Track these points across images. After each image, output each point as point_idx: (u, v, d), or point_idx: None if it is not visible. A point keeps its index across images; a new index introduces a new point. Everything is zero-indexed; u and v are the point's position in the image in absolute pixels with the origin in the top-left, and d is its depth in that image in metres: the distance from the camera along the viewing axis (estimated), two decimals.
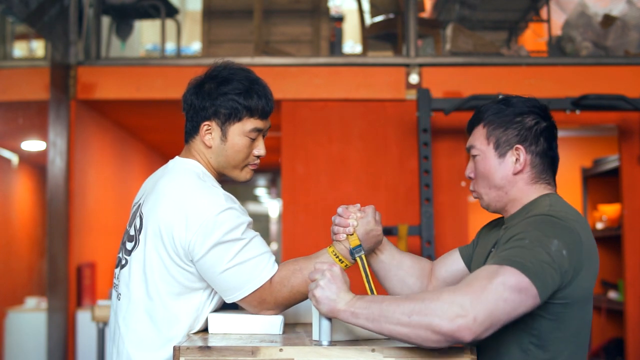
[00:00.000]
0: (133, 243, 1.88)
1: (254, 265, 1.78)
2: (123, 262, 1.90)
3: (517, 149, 1.74)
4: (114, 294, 1.93)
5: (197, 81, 1.93)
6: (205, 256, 1.76)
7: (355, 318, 1.54)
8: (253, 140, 1.91)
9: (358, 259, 1.82)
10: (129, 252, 1.88)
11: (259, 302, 1.80)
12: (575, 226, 1.62)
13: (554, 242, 1.56)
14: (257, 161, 1.95)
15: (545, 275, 1.52)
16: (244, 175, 1.95)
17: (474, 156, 1.80)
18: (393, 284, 1.96)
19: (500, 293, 1.47)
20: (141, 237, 1.85)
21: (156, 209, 1.82)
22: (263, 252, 1.80)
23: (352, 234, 1.84)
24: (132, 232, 1.90)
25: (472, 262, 1.91)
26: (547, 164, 1.77)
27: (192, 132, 1.93)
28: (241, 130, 1.89)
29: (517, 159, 1.75)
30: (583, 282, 1.61)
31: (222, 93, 1.87)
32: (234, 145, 1.89)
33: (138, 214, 1.90)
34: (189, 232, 1.76)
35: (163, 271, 1.80)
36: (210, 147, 1.90)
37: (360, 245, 1.83)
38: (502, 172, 1.76)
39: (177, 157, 1.97)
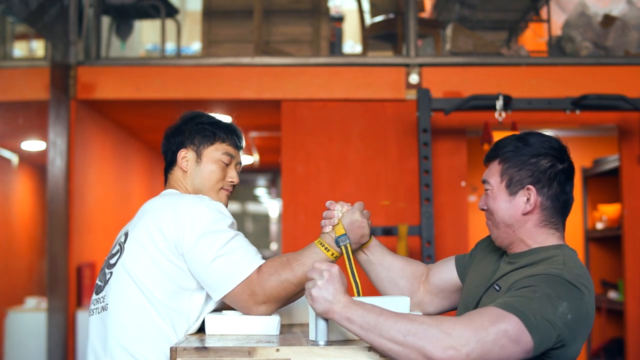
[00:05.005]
0: (117, 255, 1.93)
1: (242, 255, 1.82)
2: (107, 277, 1.93)
3: (528, 189, 1.75)
4: (95, 317, 1.93)
5: (173, 126, 2.11)
6: (194, 246, 1.81)
7: (349, 323, 1.56)
8: (226, 165, 2.05)
9: (343, 248, 1.87)
10: (112, 265, 1.92)
11: (249, 295, 1.79)
12: (585, 293, 1.62)
13: (563, 304, 1.57)
14: (231, 188, 2.08)
15: (545, 333, 1.53)
16: (219, 199, 2.05)
17: (487, 190, 1.81)
18: (384, 285, 2.00)
19: (499, 339, 1.49)
20: (126, 245, 1.90)
21: (144, 218, 1.91)
22: (249, 245, 1.87)
23: (338, 224, 1.89)
24: (114, 251, 1.96)
25: (467, 278, 1.93)
26: (557, 208, 1.76)
27: (170, 164, 2.08)
28: (214, 152, 2.05)
29: (527, 199, 1.75)
30: (573, 349, 1.62)
31: (196, 123, 2.07)
32: (208, 165, 2.04)
33: (123, 234, 1.97)
34: (177, 225, 1.84)
35: (156, 271, 1.84)
36: (186, 172, 2.05)
37: (345, 234, 1.88)
38: (512, 211, 1.76)
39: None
